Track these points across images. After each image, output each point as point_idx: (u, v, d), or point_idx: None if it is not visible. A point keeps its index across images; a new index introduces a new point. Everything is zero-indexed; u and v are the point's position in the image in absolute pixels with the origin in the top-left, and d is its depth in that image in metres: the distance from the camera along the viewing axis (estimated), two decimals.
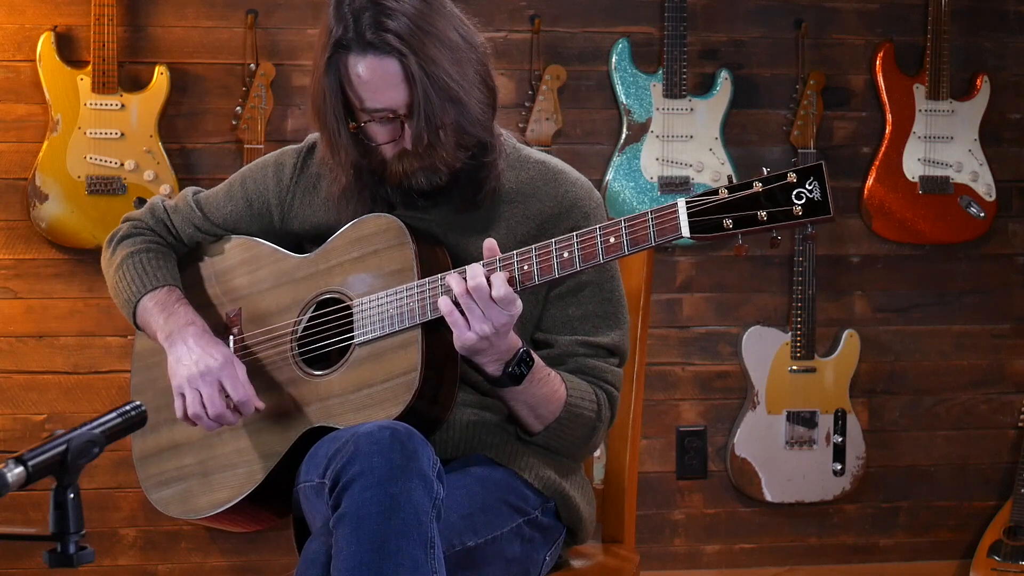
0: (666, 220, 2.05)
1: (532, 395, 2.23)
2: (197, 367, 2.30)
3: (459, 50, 2.20)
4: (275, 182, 2.44)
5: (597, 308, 2.33)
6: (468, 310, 2.11)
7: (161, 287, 2.43)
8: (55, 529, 1.60)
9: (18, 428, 3.86)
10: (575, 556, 2.48)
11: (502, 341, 2.14)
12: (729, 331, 4.10)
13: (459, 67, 2.19)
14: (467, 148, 2.24)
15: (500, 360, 2.17)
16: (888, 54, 4.07)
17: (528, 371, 2.19)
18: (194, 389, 2.29)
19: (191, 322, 2.37)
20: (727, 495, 4.12)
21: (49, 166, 3.72)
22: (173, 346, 2.34)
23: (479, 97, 2.22)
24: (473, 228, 2.31)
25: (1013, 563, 4.04)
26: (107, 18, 3.70)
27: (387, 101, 2.19)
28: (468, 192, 2.29)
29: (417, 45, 2.15)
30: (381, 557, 1.98)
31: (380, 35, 2.15)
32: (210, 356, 2.30)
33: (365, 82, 2.18)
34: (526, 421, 2.29)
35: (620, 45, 3.97)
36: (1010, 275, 4.21)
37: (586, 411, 2.28)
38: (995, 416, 4.23)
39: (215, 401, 2.28)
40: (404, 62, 2.15)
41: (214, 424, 2.30)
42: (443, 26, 2.19)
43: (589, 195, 2.36)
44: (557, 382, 2.26)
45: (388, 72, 2.17)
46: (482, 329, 2.10)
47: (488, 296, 2.10)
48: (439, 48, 2.17)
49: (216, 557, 3.96)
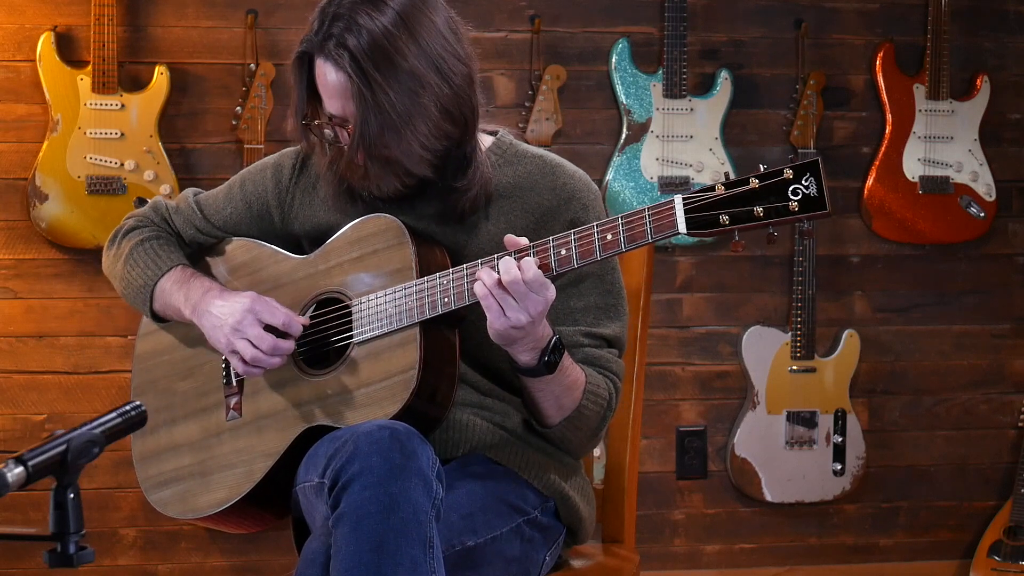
0: (663, 216, 2.06)
1: (559, 384, 2.23)
2: (232, 318, 2.30)
3: (420, 80, 2.18)
4: (274, 184, 2.44)
5: (599, 300, 2.34)
6: (502, 300, 2.11)
7: (175, 267, 2.43)
8: (55, 529, 1.60)
9: (18, 428, 3.86)
10: (575, 556, 2.48)
11: (536, 329, 2.14)
12: (729, 331, 4.10)
13: (413, 98, 2.18)
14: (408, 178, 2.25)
15: (536, 348, 2.17)
16: (888, 54, 4.07)
17: (561, 359, 2.19)
18: (241, 339, 2.29)
19: (208, 288, 2.38)
20: (727, 495, 4.12)
21: (49, 166, 3.72)
22: (202, 317, 2.35)
23: (429, 131, 2.20)
24: (472, 224, 2.32)
25: (1013, 563, 4.04)
26: (107, 18, 3.70)
27: (337, 109, 2.22)
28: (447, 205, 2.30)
29: (369, 70, 2.16)
30: (380, 557, 1.98)
31: (338, 50, 2.17)
32: (237, 303, 2.31)
33: (322, 85, 2.22)
34: (547, 412, 2.28)
35: (620, 45, 3.97)
36: (1010, 275, 4.21)
37: (601, 399, 2.29)
38: (995, 416, 4.23)
39: (264, 337, 2.28)
40: (350, 83, 2.17)
41: (275, 360, 2.29)
42: (410, 53, 2.18)
43: (587, 187, 2.36)
44: (578, 371, 2.26)
45: (339, 83, 2.19)
46: (517, 318, 2.11)
47: (523, 283, 2.10)
48: (395, 76, 2.16)
49: (216, 557, 3.96)
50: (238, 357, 2.31)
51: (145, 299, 2.45)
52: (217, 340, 2.34)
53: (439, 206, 2.31)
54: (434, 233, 2.32)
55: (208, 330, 2.35)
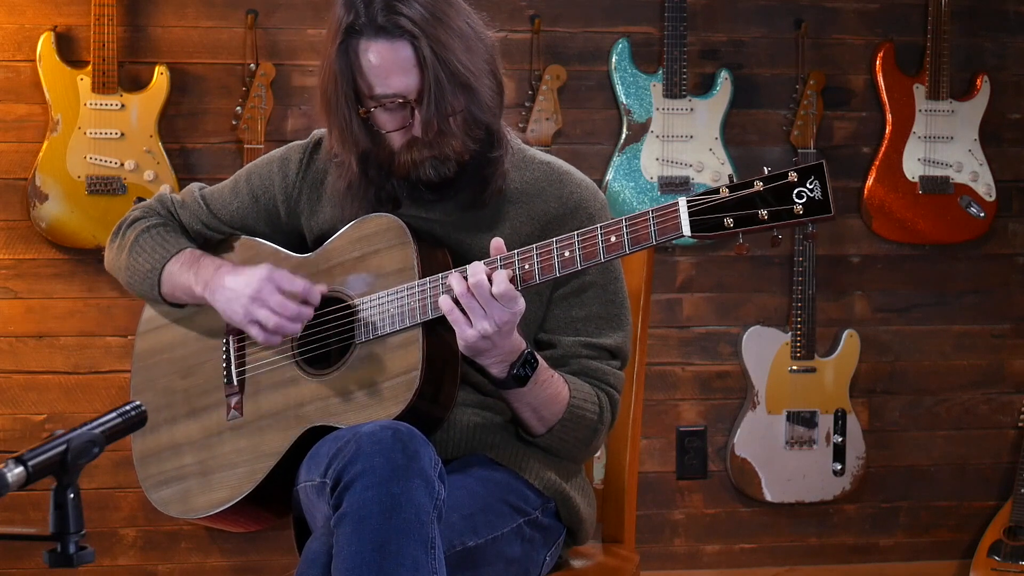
0: (667, 219, 2.06)
1: (536, 397, 2.23)
2: (249, 288, 2.28)
3: (470, 39, 2.20)
4: (281, 178, 2.43)
5: (600, 310, 2.33)
6: (469, 308, 2.11)
7: (182, 249, 2.42)
8: (55, 529, 1.60)
9: (18, 428, 3.86)
10: (575, 556, 2.48)
11: (505, 341, 2.14)
12: (729, 331, 4.10)
13: (470, 55, 2.19)
14: (476, 139, 2.24)
15: (504, 362, 2.17)
16: (888, 54, 4.07)
17: (532, 373, 2.19)
18: (261, 308, 2.27)
19: (219, 265, 2.36)
20: (727, 495, 4.12)
21: (49, 166, 3.72)
22: (215, 292, 2.33)
23: (489, 85, 2.23)
24: (477, 227, 2.31)
25: (1013, 563, 4.04)
26: (107, 18, 3.70)
27: (397, 86, 2.19)
28: (474, 189, 2.29)
29: (429, 29, 2.15)
30: (382, 557, 1.98)
31: (392, 18, 2.15)
32: (253, 274, 2.30)
33: (375, 67, 2.19)
34: (529, 423, 2.29)
35: (620, 45, 3.97)
36: (1010, 275, 4.21)
37: (588, 413, 2.28)
38: (995, 416, 4.23)
39: (286, 304, 2.26)
40: (416, 45, 2.15)
41: (297, 326, 2.27)
42: (454, 15, 2.20)
43: (594, 196, 2.36)
44: (560, 384, 2.26)
45: (399, 56, 2.17)
46: (483, 327, 2.10)
47: (489, 293, 2.10)
48: (451, 35, 2.17)
49: (216, 557, 3.96)
50: (258, 327, 2.28)
51: (153, 284, 2.42)
52: (234, 312, 2.30)
53: (464, 197, 2.30)
54: (443, 235, 2.31)
55: (222, 304, 2.32)
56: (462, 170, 2.26)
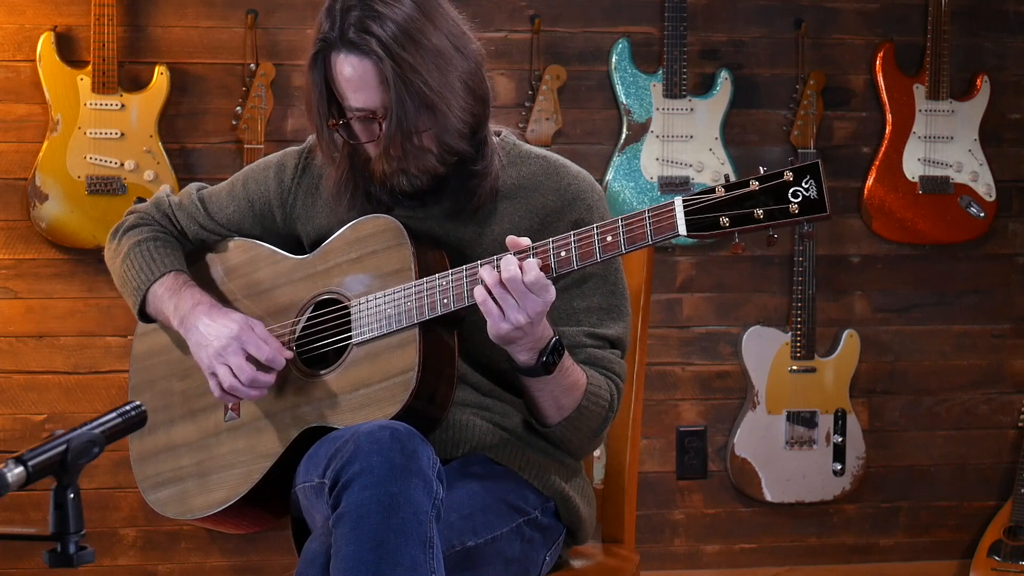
0: (663, 218, 2.06)
1: (559, 384, 2.23)
2: (218, 342, 2.30)
3: (445, 56, 2.20)
4: (276, 183, 2.44)
5: (602, 300, 2.34)
6: (502, 299, 2.11)
7: (168, 272, 2.43)
8: (55, 529, 1.60)
9: (18, 428, 3.86)
10: (575, 556, 2.48)
11: (536, 329, 2.14)
12: (729, 331, 4.10)
13: (441, 75, 2.19)
14: (452, 153, 2.25)
15: (534, 349, 2.18)
16: (888, 54, 4.07)
17: (560, 360, 2.19)
18: (222, 364, 2.29)
19: (198, 302, 2.37)
20: (727, 495, 4.12)
21: (49, 166, 3.72)
22: (189, 331, 2.35)
23: (460, 106, 2.22)
24: (475, 224, 2.32)
25: (1013, 563, 4.04)
26: (107, 18, 3.70)
27: (364, 102, 2.21)
28: (459, 198, 2.30)
29: (396, 50, 2.16)
30: (380, 556, 1.98)
31: (361, 36, 2.17)
32: (224, 327, 2.31)
33: (346, 80, 2.20)
34: (546, 411, 2.28)
35: (620, 45, 3.97)
36: (1010, 275, 4.21)
37: (602, 400, 2.29)
38: (995, 416, 4.23)
39: (244, 368, 2.28)
40: (380, 66, 2.16)
41: (253, 391, 2.29)
42: (431, 33, 2.19)
43: (591, 188, 2.36)
44: (579, 373, 2.26)
45: (366, 73, 2.18)
46: (517, 319, 2.11)
47: (522, 283, 2.10)
48: (421, 55, 2.17)
49: (216, 557, 3.96)
50: (216, 381, 2.32)
51: (136, 302, 2.45)
52: (200, 359, 2.34)
53: (449, 204, 2.31)
54: (441, 234, 2.32)
55: (192, 346, 2.35)
56: (443, 181, 2.27)
